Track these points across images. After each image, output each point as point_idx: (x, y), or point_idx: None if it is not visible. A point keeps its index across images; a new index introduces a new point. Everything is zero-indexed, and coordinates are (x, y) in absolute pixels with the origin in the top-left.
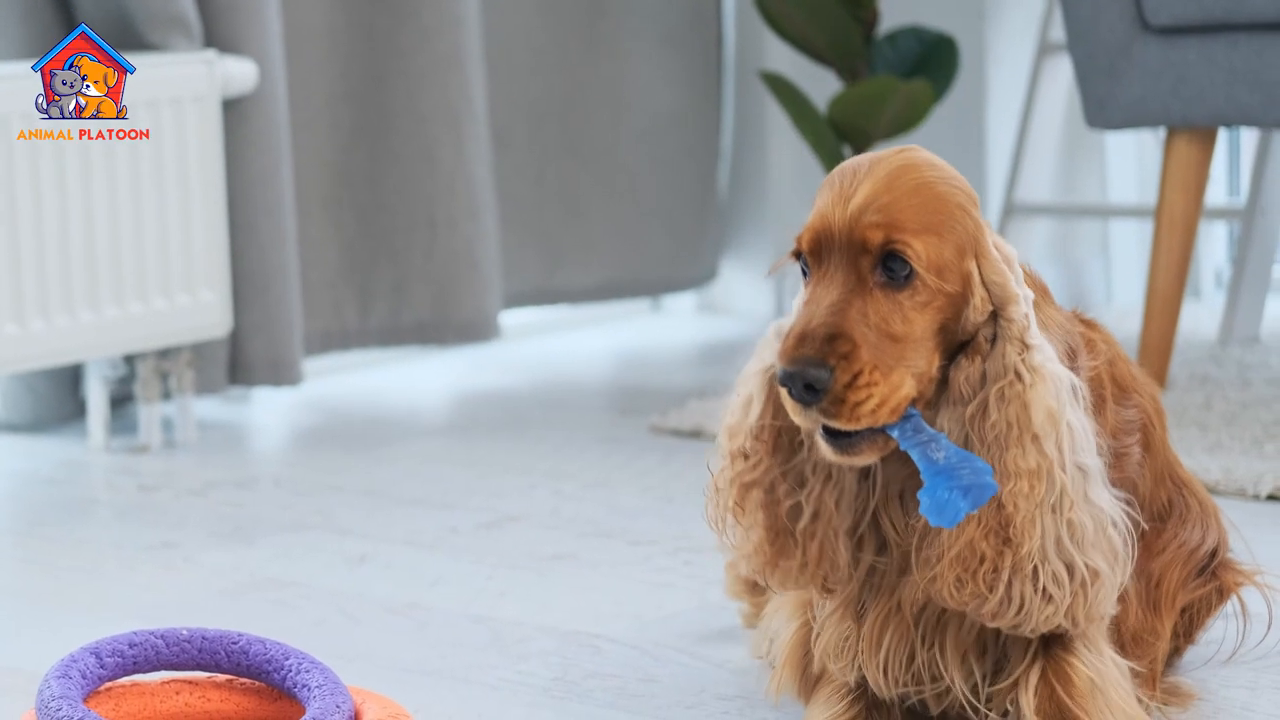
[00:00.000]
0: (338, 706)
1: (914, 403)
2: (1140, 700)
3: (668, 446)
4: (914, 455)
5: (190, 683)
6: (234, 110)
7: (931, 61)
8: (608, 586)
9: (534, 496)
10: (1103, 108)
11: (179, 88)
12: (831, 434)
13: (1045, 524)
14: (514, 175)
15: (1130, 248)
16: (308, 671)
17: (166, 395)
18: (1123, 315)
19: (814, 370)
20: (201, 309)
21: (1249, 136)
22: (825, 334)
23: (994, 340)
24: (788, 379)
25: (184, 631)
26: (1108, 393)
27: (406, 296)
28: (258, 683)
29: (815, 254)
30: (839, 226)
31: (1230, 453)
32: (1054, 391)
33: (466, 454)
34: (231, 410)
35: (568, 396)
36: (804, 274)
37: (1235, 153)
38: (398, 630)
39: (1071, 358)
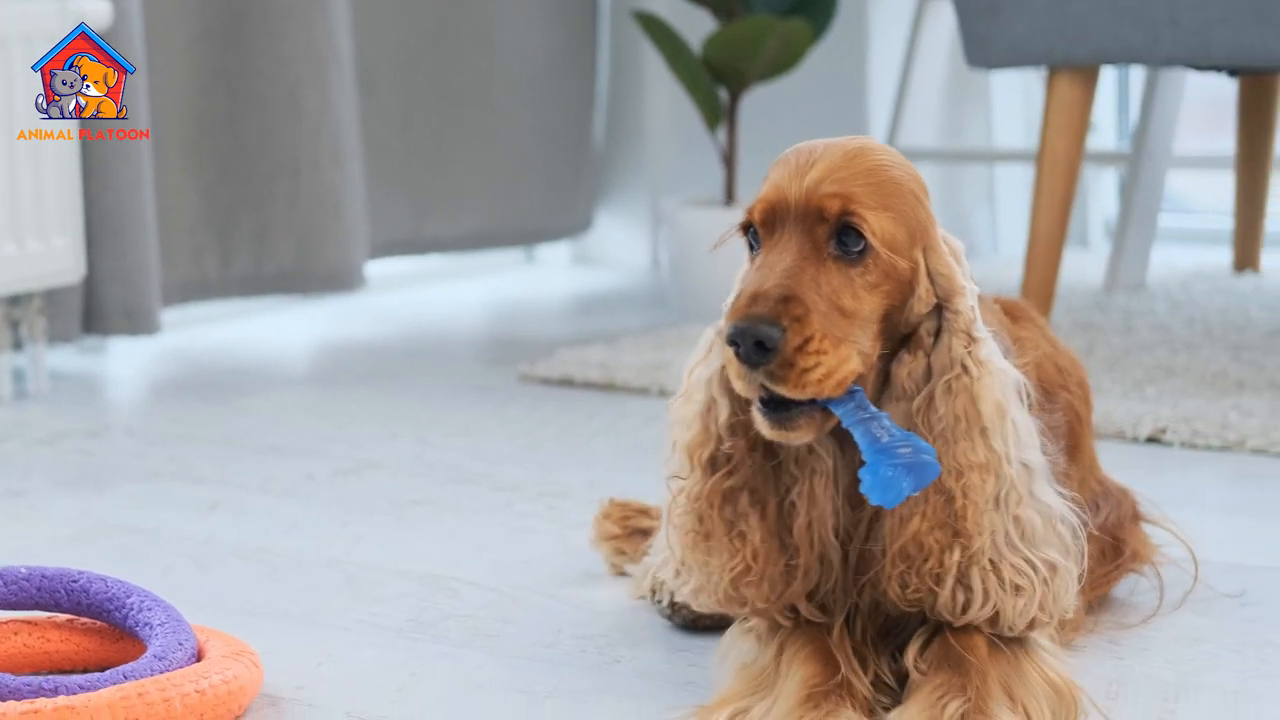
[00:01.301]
0: (180, 644)
1: (857, 381)
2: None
3: (536, 395)
4: (856, 434)
5: (29, 623)
6: None
7: (809, 1)
8: (468, 531)
9: (395, 444)
10: (984, 47)
11: (31, 25)
12: (770, 406)
13: (994, 518)
14: (380, 120)
15: (1017, 195)
16: (149, 609)
17: (18, 344)
18: (1008, 264)
19: (766, 328)
20: (53, 255)
21: (1138, 81)
22: (779, 295)
23: (938, 333)
24: (738, 334)
25: (22, 570)
26: (1034, 397)
27: (269, 245)
28: (99, 622)
29: (768, 224)
30: (795, 198)
31: (1110, 396)
32: (1000, 386)
33: (327, 404)
34: (86, 361)
35: (435, 347)
36: (751, 248)
37: (1124, 98)
38: (248, 576)
39: (1008, 355)
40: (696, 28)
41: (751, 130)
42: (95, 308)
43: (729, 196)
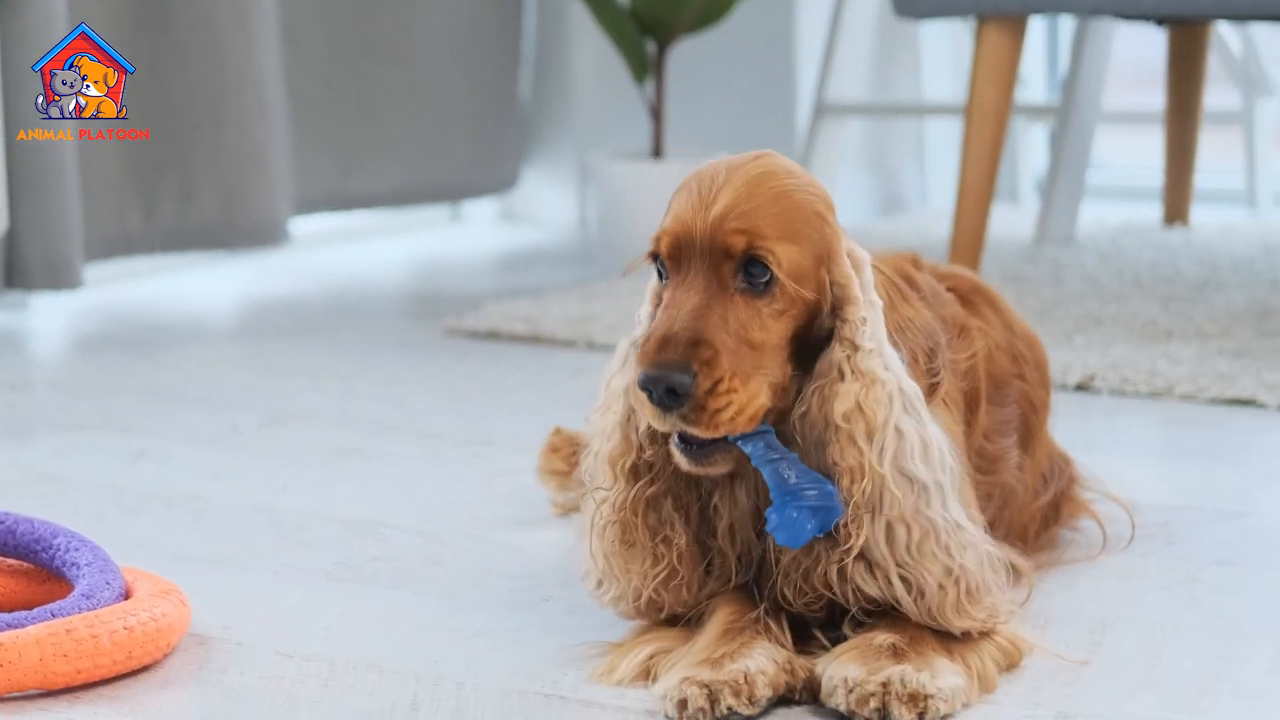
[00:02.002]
0: (107, 583)
1: (767, 415)
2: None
3: (462, 348)
4: (765, 473)
5: None
6: (10, 2)
7: None
8: (394, 478)
9: (321, 396)
10: None
11: None
12: (686, 442)
13: (873, 520)
14: (305, 75)
15: (946, 150)
16: (77, 550)
17: None
18: (937, 218)
19: (677, 375)
20: None
21: (1067, 34)
22: (688, 339)
23: (827, 340)
24: (649, 383)
25: None
26: (982, 391)
27: (193, 199)
28: (25, 563)
29: (674, 259)
30: (700, 232)
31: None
32: (878, 395)
33: (252, 358)
34: (8, 316)
35: (361, 302)
36: (660, 276)
37: (1054, 51)
38: (175, 521)
39: (931, 357)
40: None
41: (679, 83)
42: (16, 262)
43: (657, 150)
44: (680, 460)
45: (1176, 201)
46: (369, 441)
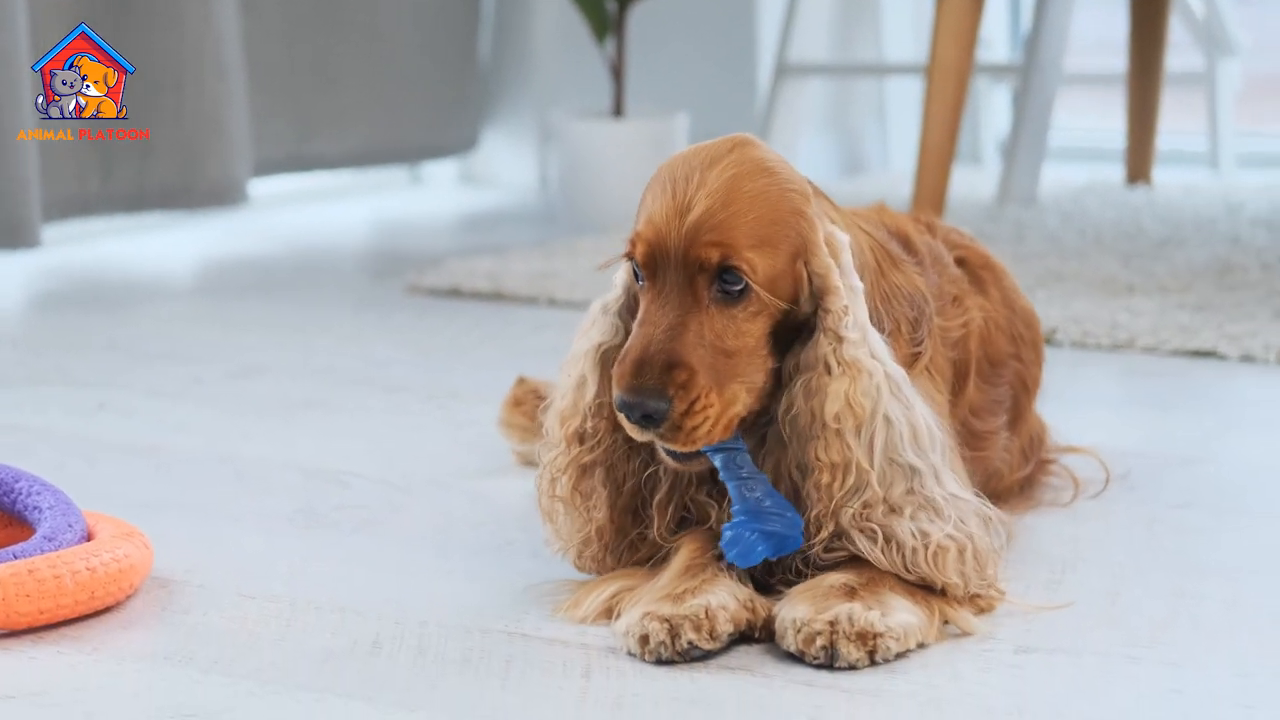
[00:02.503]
0: (70, 525)
1: (743, 421)
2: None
3: (424, 305)
4: (730, 488)
5: None
6: None
7: None
8: (357, 430)
9: (284, 350)
10: None
11: None
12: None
13: (850, 513)
14: (263, 36)
15: (907, 111)
16: (38, 494)
17: None
18: (899, 179)
19: (652, 402)
20: None
21: None
22: (663, 362)
23: (811, 331)
24: (626, 408)
25: None
26: (973, 365)
27: (152, 160)
28: None
29: (650, 267)
30: (675, 243)
31: None
32: (865, 386)
33: (213, 314)
34: None
35: (322, 261)
36: (636, 277)
37: (1016, 12)
38: (138, 471)
39: (915, 326)
40: None
41: (640, 42)
42: None
43: (617, 109)
44: (666, 461)
45: (1139, 162)
46: (332, 394)
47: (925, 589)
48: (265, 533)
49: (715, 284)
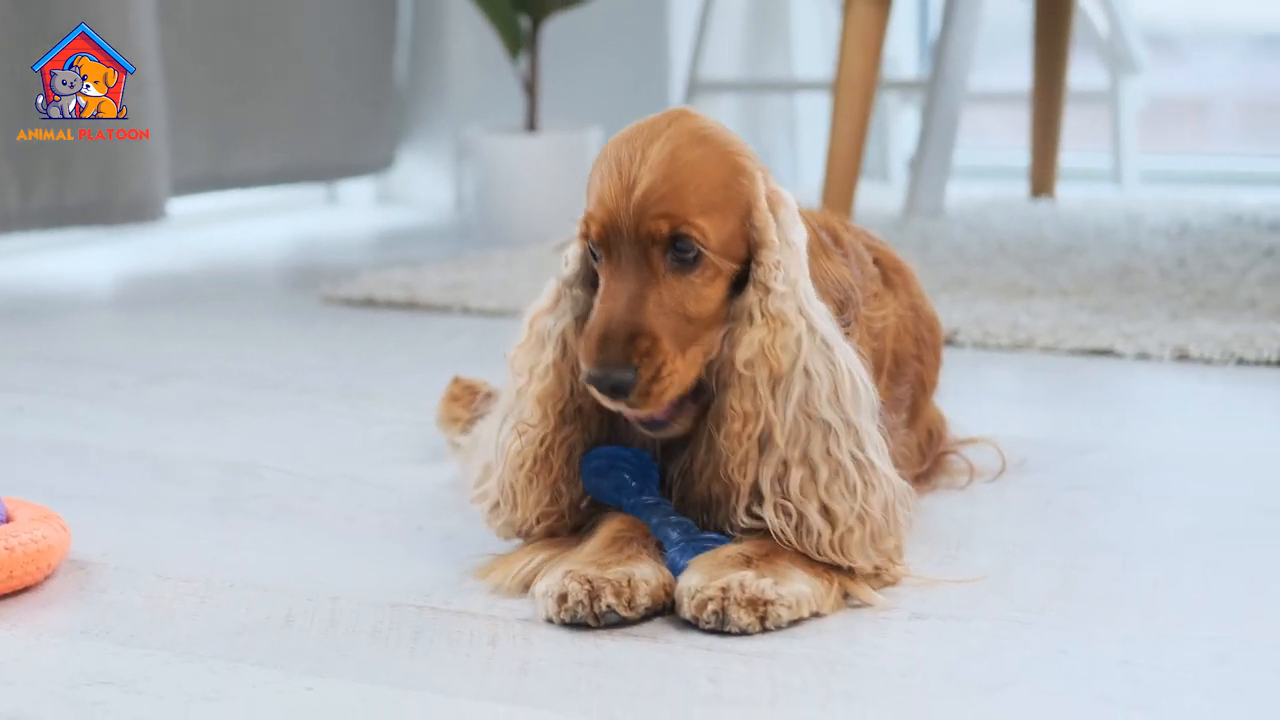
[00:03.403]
0: None
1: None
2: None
3: (339, 315)
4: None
5: None
6: None
7: None
8: (273, 428)
9: (200, 357)
10: None
11: None
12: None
13: (765, 462)
14: (181, 52)
15: (817, 127)
16: None
17: None
18: (807, 194)
19: (619, 373)
20: None
21: (936, 13)
22: (626, 334)
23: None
24: (595, 382)
25: None
26: (886, 362)
27: (70, 176)
28: None
29: (605, 245)
30: (625, 220)
31: None
32: (784, 339)
33: (132, 324)
34: None
35: (239, 275)
36: (593, 255)
37: (924, 28)
38: (57, 467)
39: (841, 309)
40: None
41: (554, 58)
42: None
43: (531, 124)
44: (642, 430)
45: (1042, 175)
46: (248, 396)
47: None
48: (182, 520)
49: (669, 254)
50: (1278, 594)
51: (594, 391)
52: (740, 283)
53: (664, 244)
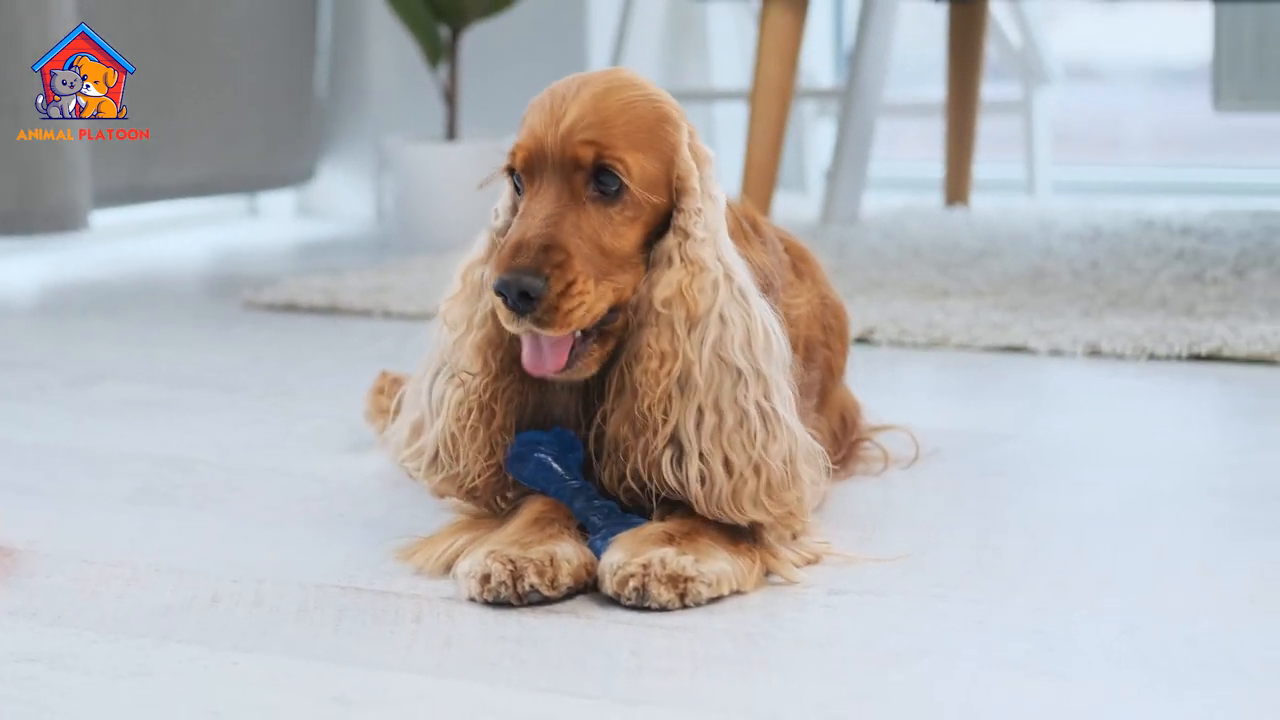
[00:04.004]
0: None
1: (614, 310)
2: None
3: (261, 319)
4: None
5: None
6: None
7: None
8: (198, 424)
9: (123, 359)
10: None
11: None
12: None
13: (680, 405)
14: None
15: (734, 137)
16: None
17: None
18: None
19: (529, 279)
20: None
21: (851, 18)
22: (540, 244)
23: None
24: (504, 287)
25: None
26: (801, 347)
27: None
28: None
29: (528, 171)
30: (551, 146)
31: None
32: (701, 283)
33: (54, 329)
34: None
35: (160, 284)
36: (517, 190)
37: (839, 39)
38: None
39: (767, 290)
40: None
41: (473, 68)
42: None
43: (450, 133)
44: (539, 369)
45: (957, 184)
46: (172, 395)
47: (748, 540)
48: (106, 510)
49: (592, 183)
50: (1184, 571)
51: (499, 305)
52: (659, 237)
53: (588, 171)
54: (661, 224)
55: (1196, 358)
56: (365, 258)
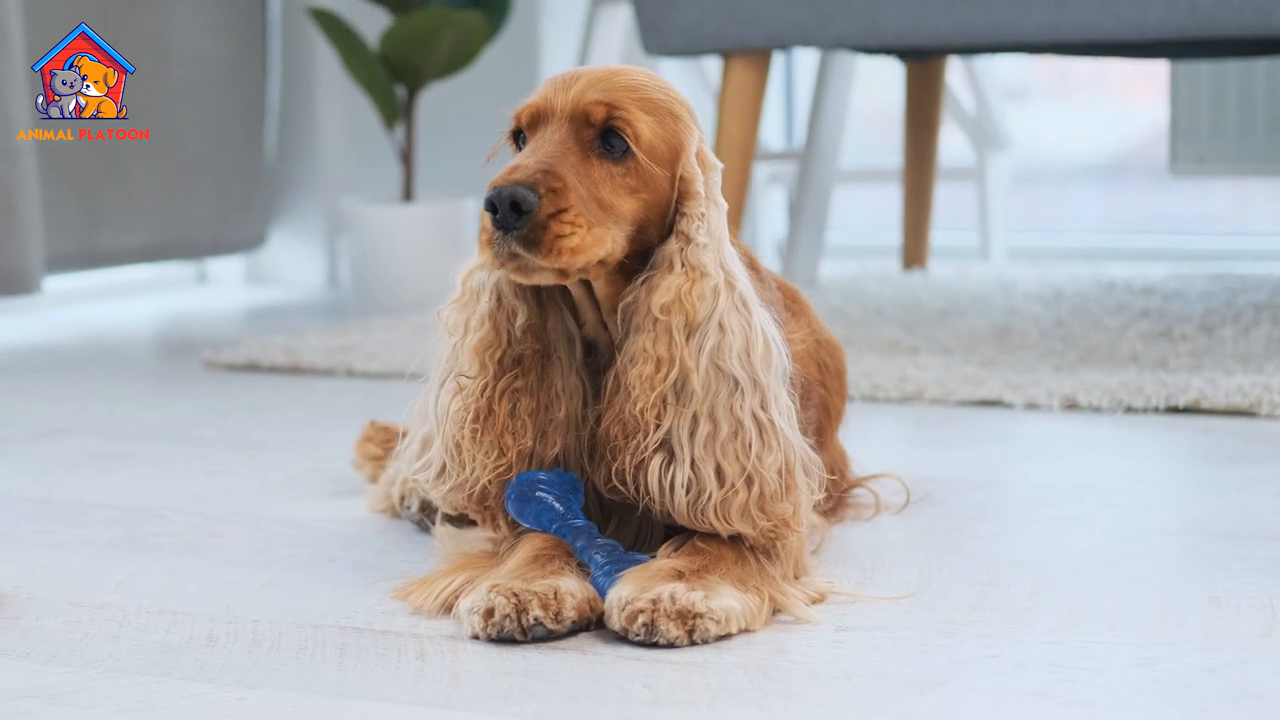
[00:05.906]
0: None
1: (602, 263)
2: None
3: (222, 378)
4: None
5: None
6: None
7: None
8: (169, 475)
9: (85, 415)
10: (659, 32)
11: None
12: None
13: (675, 412)
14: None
15: None
16: None
17: None
18: None
19: (523, 190)
20: None
21: (806, 85)
22: (539, 167)
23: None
24: (496, 196)
25: None
26: (799, 384)
27: None
28: None
29: (534, 125)
30: (560, 104)
31: None
32: (701, 289)
33: (11, 387)
34: None
35: (116, 345)
36: (518, 146)
37: (791, 101)
38: None
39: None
40: (372, 25)
41: (430, 128)
42: None
43: (407, 194)
44: (511, 273)
45: (914, 247)
46: (138, 448)
47: (757, 579)
48: (87, 556)
49: (599, 141)
50: (1193, 606)
51: (487, 225)
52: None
53: (596, 129)
54: (658, 223)
55: (1174, 410)
56: (321, 320)
